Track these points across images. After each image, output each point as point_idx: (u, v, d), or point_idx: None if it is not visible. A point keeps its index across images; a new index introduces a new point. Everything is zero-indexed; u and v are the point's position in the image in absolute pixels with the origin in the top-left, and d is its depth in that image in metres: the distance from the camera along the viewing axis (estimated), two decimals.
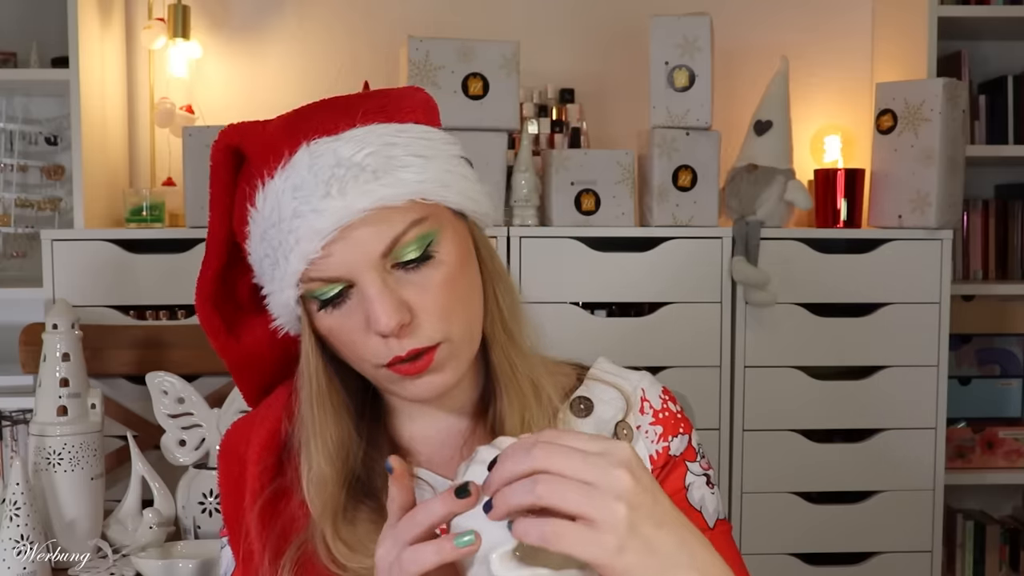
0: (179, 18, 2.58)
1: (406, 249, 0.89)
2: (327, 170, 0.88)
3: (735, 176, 2.45)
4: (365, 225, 0.87)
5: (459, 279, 0.92)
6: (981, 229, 2.84)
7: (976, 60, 2.83)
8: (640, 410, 1.04)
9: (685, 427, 1.05)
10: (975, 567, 2.79)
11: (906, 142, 2.41)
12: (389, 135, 0.90)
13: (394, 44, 2.61)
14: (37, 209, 2.60)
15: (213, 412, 1.89)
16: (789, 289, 2.37)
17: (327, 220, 0.87)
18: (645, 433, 1.03)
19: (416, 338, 0.89)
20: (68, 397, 1.81)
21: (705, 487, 1.03)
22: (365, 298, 0.88)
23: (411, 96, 0.96)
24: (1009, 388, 2.76)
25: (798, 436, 2.41)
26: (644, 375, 1.07)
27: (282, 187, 0.89)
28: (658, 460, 1.02)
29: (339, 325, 0.91)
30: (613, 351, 1.12)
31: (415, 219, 0.89)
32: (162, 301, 2.28)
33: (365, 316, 0.89)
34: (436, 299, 0.90)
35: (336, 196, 0.87)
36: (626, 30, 2.75)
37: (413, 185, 0.89)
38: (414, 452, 1.02)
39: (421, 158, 0.91)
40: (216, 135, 0.97)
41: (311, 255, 0.88)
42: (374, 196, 0.87)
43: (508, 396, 0.98)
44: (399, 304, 0.88)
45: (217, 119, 2.63)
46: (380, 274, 0.88)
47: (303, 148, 0.89)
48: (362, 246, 0.88)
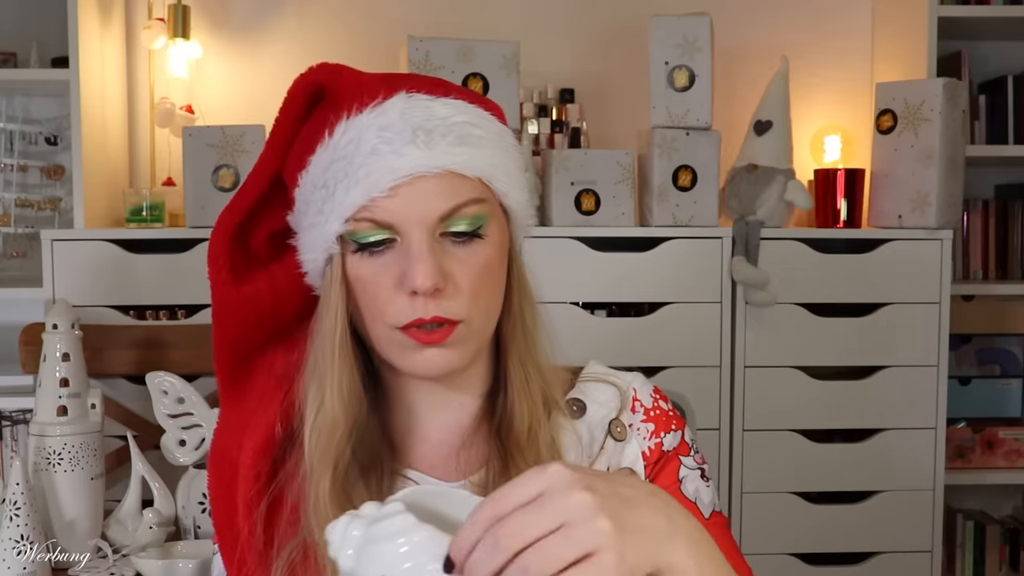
0: (179, 18, 2.58)
1: (461, 220, 0.91)
2: (418, 121, 0.90)
3: (735, 176, 2.45)
4: (435, 183, 0.90)
5: (495, 269, 0.94)
6: (981, 229, 2.84)
7: (976, 60, 2.83)
8: (631, 409, 1.05)
9: (677, 423, 1.05)
10: (975, 567, 2.79)
11: (906, 142, 2.41)
12: (477, 116, 0.94)
13: (394, 44, 2.61)
14: (37, 209, 2.61)
15: (213, 412, 1.89)
16: (789, 289, 2.37)
17: (404, 164, 0.89)
18: (637, 431, 1.04)
19: (443, 308, 0.90)
20: (68, 397, 1.81)
21: (700, 480, 1.04)
22: (409, 254, 0.90)
23: (494, 103, 1.01)
24: (1009, 388, 2.76)
25: (798, 436, 2.41)
26: (636, 375, 1.08)
27: (368, 123, 0.91)
28: (651, 456, 1.03)
29: (370, 275, 0.91)
30: (613, 351, 1.12)
31: (477, 197, 0.92)
32: (162, 301, 2.28)
33: (400, 272, 0.90)
34: (472, 278, 0.92)
35: (421, 146, 0.89)
36: (626, 30, 2.75)
37: (486, 167, 0.93)
38: (406, 449, 1.01)
39: (496, 148, 0.95)
40: (215, 135, 0.97)
41: (375, 193, 0.89)
42: (454, 159, 0.90)
43: (519, 404, 0.98)
44: (439, 268, 0.90)
45: (217, 119, 2.63)
46: (430, 235, 0.90)
47: (400, 95, 0.92)
48: (425, 201, 0.90)
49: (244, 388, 1.02)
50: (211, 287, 0.96)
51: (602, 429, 1.03)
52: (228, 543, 0.99)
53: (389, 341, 0.93)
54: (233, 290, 0.96)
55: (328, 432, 0.93)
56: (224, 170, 2.32)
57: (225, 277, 0.96)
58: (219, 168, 2.32)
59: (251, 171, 0.98)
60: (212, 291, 0.97)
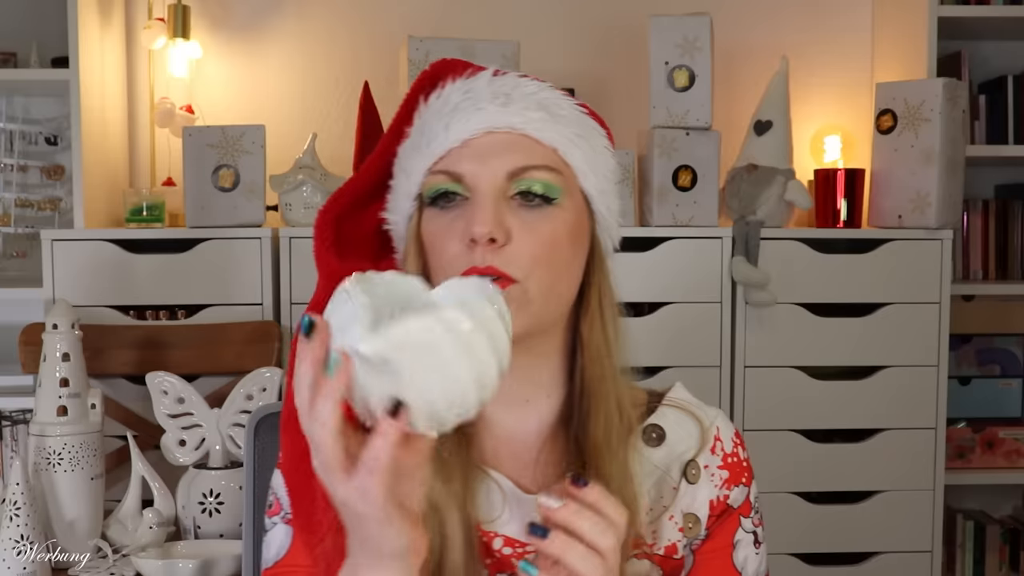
0: (179, 18, 2.58)
1: (533, 181, 0.92)
2: (501, 88, 0.94)
3: (735, 176, 2.45)
4: (507, 139, 0.92)
5: (563, 245, 0.93)
6: (981, 229, 2.84)
7: (976, 60, 2.83)
8: (711, 449, 1.02)
9: (748, 478, 1.03)
10: (975, 567, 2.79)
11: (906, 142, 2.41)
12: (565, 102, 0.97)
13: (394, 44, 2.61)
14: (37, 209, 2.61)
15: (213, 412, 1.89)
16: (789, 289, 2.37)
17: (480, 119, 0.92)
18: (711, 475, 1.01)
19: (499, 260, 0.90)
20: (68, 397, 1.81)
21: (751, 547, 1.02)
22: (474, 204, 0.91)
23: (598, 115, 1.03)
24: (1009, 388, 2.76)
25: (798, 436, 2.41)
26: (719, 413, 1.05)
27: (455, 88, 0.95)
28: (716, 508, 1.01)
29: (439, 230, 0.92)
30: None
31: (549, 164, 0.93)
32: (162, 301, 2.28)
33: (464, 223, 0.90)
34: (534, 243, 0.91)
35: (499, 106, 0.93)
36: (626, 30, 2.75)
37: (562, 142, 0.94)
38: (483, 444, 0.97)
39: (578, 129, 0.96)
40: (215, 135, 0.98)
41: (450, 144, 0.92)
42: (530, 122, 0.93)
43: (595, 410, 0.96)
44: (501, 222, 0.90)
45: (217, 119, 2.63)
46: (497, 190, 0.91)
47: (490, 71, 0.96)
48: (496, 156, 0.92)
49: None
50: (316, 260, 0.99)
51: (678, 468, 1.00)
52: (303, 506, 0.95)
53: None
54: (336, 263, 0.97)
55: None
56: (224, 170, 2.32)
57: (329, 247, 0.98)
58: (219, 168, 2.32)
59: (371, 156, 1.01)
60: (317, 262, 0.99)
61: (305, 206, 2.36)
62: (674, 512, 0.99)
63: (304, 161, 2.39)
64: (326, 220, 0.99)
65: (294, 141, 2.58)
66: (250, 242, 2.28)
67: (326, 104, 2.77)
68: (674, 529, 0.99)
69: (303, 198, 2.36)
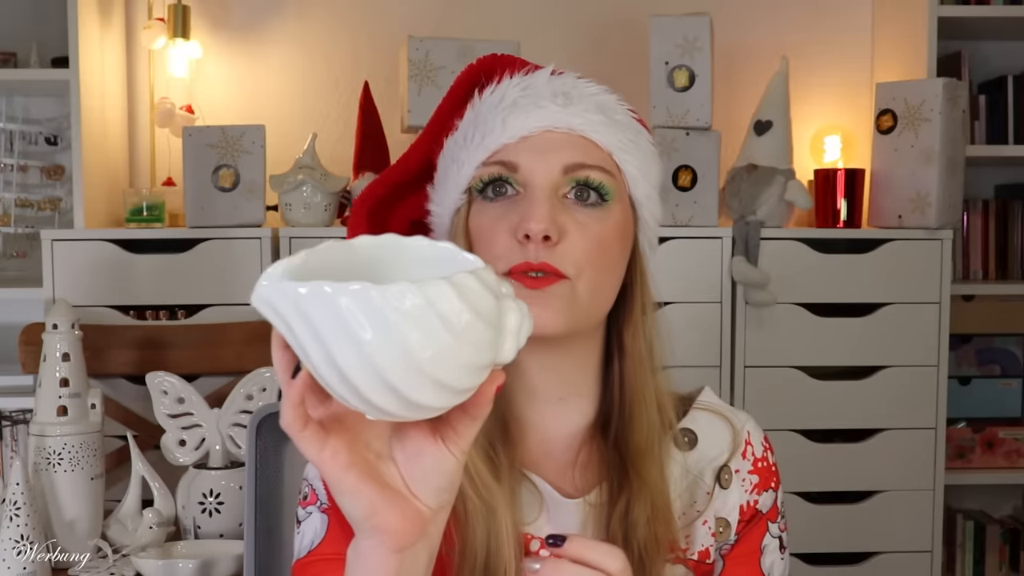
0: (179, 18, 2.58)
1: (587, 178, 0.92)
2: (561, 88, 0.95)
3: (735, 176, 2.45)
4: (565, 138, 0.92)
5: (611, 248, 0.94)
6: (981, 229, 2.84)
7: (976, 60, 2.83)
8: (743, 454, 1.02)
9: (776, 483, 1.03)
10: (975, 567, 2.79)
11: (906, 142, 2.41)
12: (621, 108, 0.97)
13: (394, 44, 2.61)
14: (37, 209, 2.61)
15: (213, 412, 1.89)
16: (789, 289, 2.37)
17: (539, 117, 0.92)
18: (742, 480, 1.01)
19: (552, 257, 0.90)
20: (68, 397, 1.81)
21: (777, 552, 1.02)
22: (528, 200, 0.91)
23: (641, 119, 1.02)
24: (1009, 388, 2.76)
25: (798, 436, 2.41)
26: (748, 417, 1.05)
27: (512, 84, 0.95)
28: (746, 513, 1.01)
29: (489, 222, 0.92)
30: None
31: (604, 167, 0.93)
32: (162, 301, 2.28)
33: (518, 218, 0.90)
34: (586, 242, 0.91)
35: (558, 106, 0.93)
36: (626, 30, 2.75)
37: (618, 147, 0.94)
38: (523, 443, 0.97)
39: (633, 136, 0.96)
40: (215, 135, 0.97)
41: (506, 139, 0.92)
42: (589, 124, 0.93)
43: (637, 415, 0.96)
44: (556, 219, 0.90)
45: (217, 119, 2.63)
46: (552, 187, 0.91)
47: (548, 70, 0.97)
48: (553, 152, 0.92)
49: None
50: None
51: (711, 473, 1.00)
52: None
53: None
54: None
55: None
56: (224, 170, 2.32)
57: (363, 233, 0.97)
58: (219, 168, 2.32)
59: (409, 149, 1.00)
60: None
61: (305, 206, 2.36)
62: (707, 517, 0.99)
63: (304, 161, 2.39)
64: (361, 212, 0.98)
65: (294, 141, 2.58)
66: (250, 242, 2.28)
67: (326, 104, 2.77)
68: (707, 534, 0.99)
69: (303, 198, 2.36)
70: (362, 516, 0.71)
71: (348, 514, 0.72)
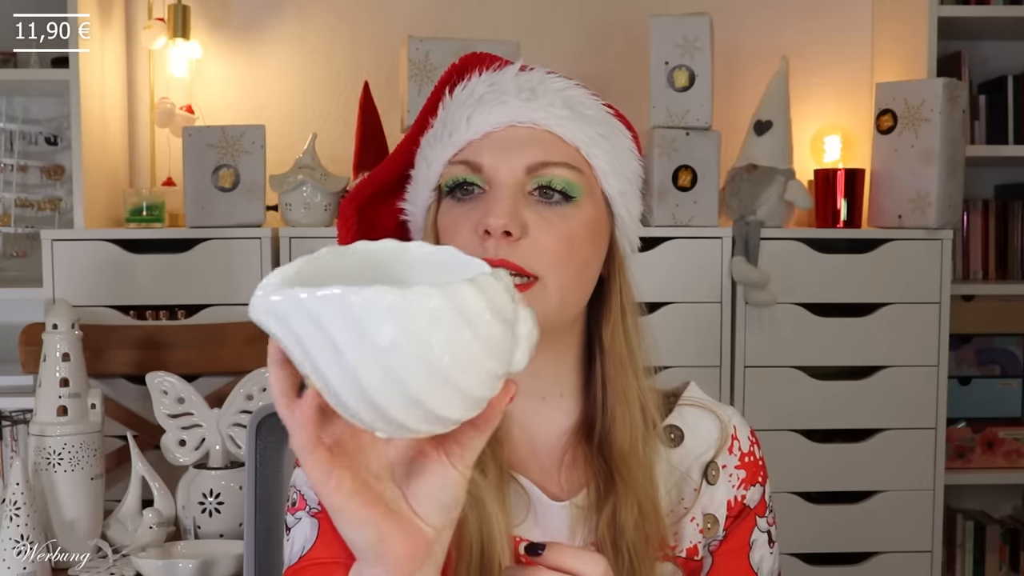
0: (179, 18, 2.58)
1: (552, 178, 0.91)
2: (527, 83, 0.94)
3: (735, 176, 2.45)
4: (529, 134, 0.91)
5: (580, 244, 0.91)
6: (981, 229, 2.84)
7: (976, 60, 2.83)
8: (729, 449, 1.02)
9: (763, 477, 1.03)
10: (975, 567, 2.79)
11: (906, 142, 2.41)
12: (591, 101, 0.96)
13: (394, 44, 2.61)
14: (37, 209, 2.61)
15: (213, 412, 1.89)
16: (789, 289, 2.37)
17: (502, 112, 0.92)
18: (729, 476, 1.01)
19: (514, 254, 0.88)
20: (68, 397, 1.81)
21: (766, 547, 1.02)
22: (490, 196, 0.90)
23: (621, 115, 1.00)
24: (1009, 388, 2.76)
25: (798, 436, 2.41)
26: (734, 411, 1.05)
27: (480, 81, 0.95)
28: (733, 508, 1.01)
29: (455, 222, 0.91)
30: None
31: (571, 163, 0.92)
32: (162, 301, 2.28)
33: (480, 215, 0.89)
34: (552, 238, 0.90)
35: (523, 101, 0.92)
36: (626, 30, 2.75)
37: (585, 141, 0.93)
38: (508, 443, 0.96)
39: (604, 130, 0.95)
40: (215, 135, 0.97)
41: (471, 136, 0.92)
42: (553, 118, 0.92)
43: (620, 416, 0.95)
44: (518, 215, 0.89)
45: (217, 119, 2.63)
46: (515, 184, 0.90)
47: (517, 66, 0.96)
48: (517, 149, 0.91)
49: None
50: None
51: (698, 469, 1.00)
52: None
53: None
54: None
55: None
56: (224, 170, 2.32)
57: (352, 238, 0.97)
58: (219, 168, 2.32)
59: (396, 148, 1.00)
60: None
61: (305, 206, 2.36)
62: (695, 513, 0.99)
63: (304, 161, 2.39)
64: (349, 210, 0.98)
65: (294, 141, 2.58)
66: (250, 242, 2.28)
67: (326, 104, 2.77)
68: (695, 531, 0.99)
69: (303, 198, 2.36)
70: (368, 544, 0.68)
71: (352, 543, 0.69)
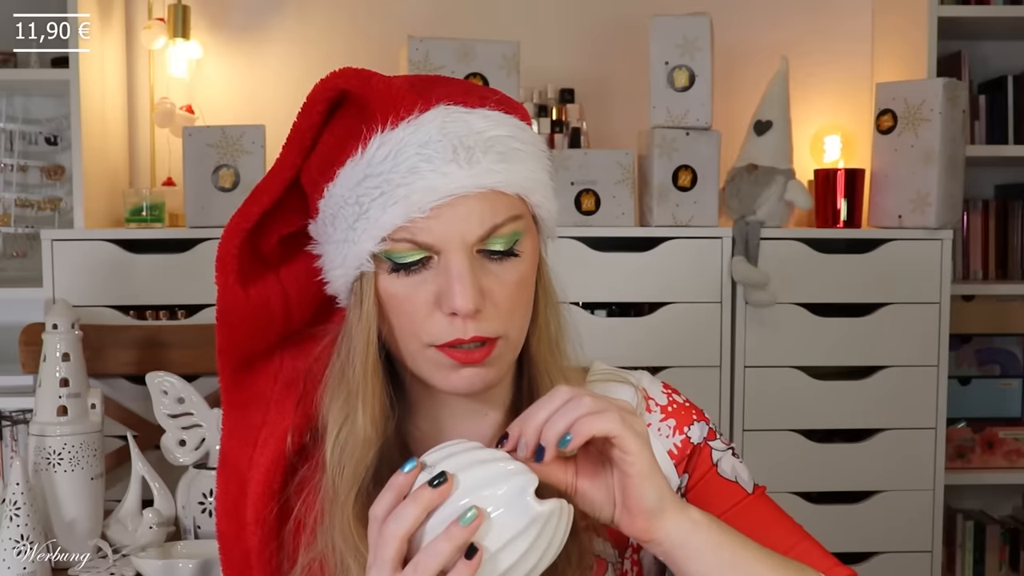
0: (179, 18, 2.58)
1: (499, 239, 0.90)
2: (458, 137, 0.88)
3: (735, 176, 2.45)
4: (476, 202, 0.88)
5: (527, 284, 0.93)
6: (981, 229, 2.84)
7: (976, 60, 2.83)
8: (647, 408, 1.04)
9: (698, 414, 1.05)
10: (975, 567, 2.79)
11: (906, 142, 2.41)
12: (514, 127, 0.92)
13: (394, 44, 2.61)
14: (37, 209, 2.60)
15: (213, 412, 1.89)
16: (789, 289, 2.37)
17: (446, 184, 0.87)
18: (658, 431, 1.03)
19: (482, 327, 0.89)
20: (68, 397, 1.81)
21: (733, 459, 1.03)
22: (448, 274, 0.88)
23: (520, 105, 0.98)
24: (1009, 388, 2.76)
25: (798, 436, 2.41)
26: (643, 373, 1.07)
27: (406, 139, 0.88)
28: (679, 453, 1.02)
29: (405, 294, 0.90)
30: (613, 351, 1.12)
31: (515, 214, 0.91)
32: (162, 301, 2.28)
33: (438, 291, 0.88)
34: (508, 295, 0.90)
35: (463, 165, 0.87)
36: (626, 30, 2.75)
37: (524, 182, 0.92)
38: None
39: (534, 160, 0.93)
40: (215, 135, 0.96)
41: (415, 213, 0.87)
42: (496, 177, 0.89)
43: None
44: (479, 288, 0.88)
45: (217, 119, 2.63)
46: (469, 254, 0.89)
47: (438, 108, 0.89)
48: (465, 221, 0.88)
49: (248, 393, 0.99)
50: (218, 290, 0.94)
51: None
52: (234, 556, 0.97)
53: (424, 359, 0.91)
54: (240, 294, 0.94)
55: (359, 451, 0.91)
56: (224, 170, 2.32)
57: (232, 281, 0.93)
58: (219, 168, 2.32)
59: (266, 175, 0.96)
60: (218, 294, 0.94)
61: None
62: None
63: None
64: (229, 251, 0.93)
65: None
66: None
67: None
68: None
69: None
70: None
71: None
